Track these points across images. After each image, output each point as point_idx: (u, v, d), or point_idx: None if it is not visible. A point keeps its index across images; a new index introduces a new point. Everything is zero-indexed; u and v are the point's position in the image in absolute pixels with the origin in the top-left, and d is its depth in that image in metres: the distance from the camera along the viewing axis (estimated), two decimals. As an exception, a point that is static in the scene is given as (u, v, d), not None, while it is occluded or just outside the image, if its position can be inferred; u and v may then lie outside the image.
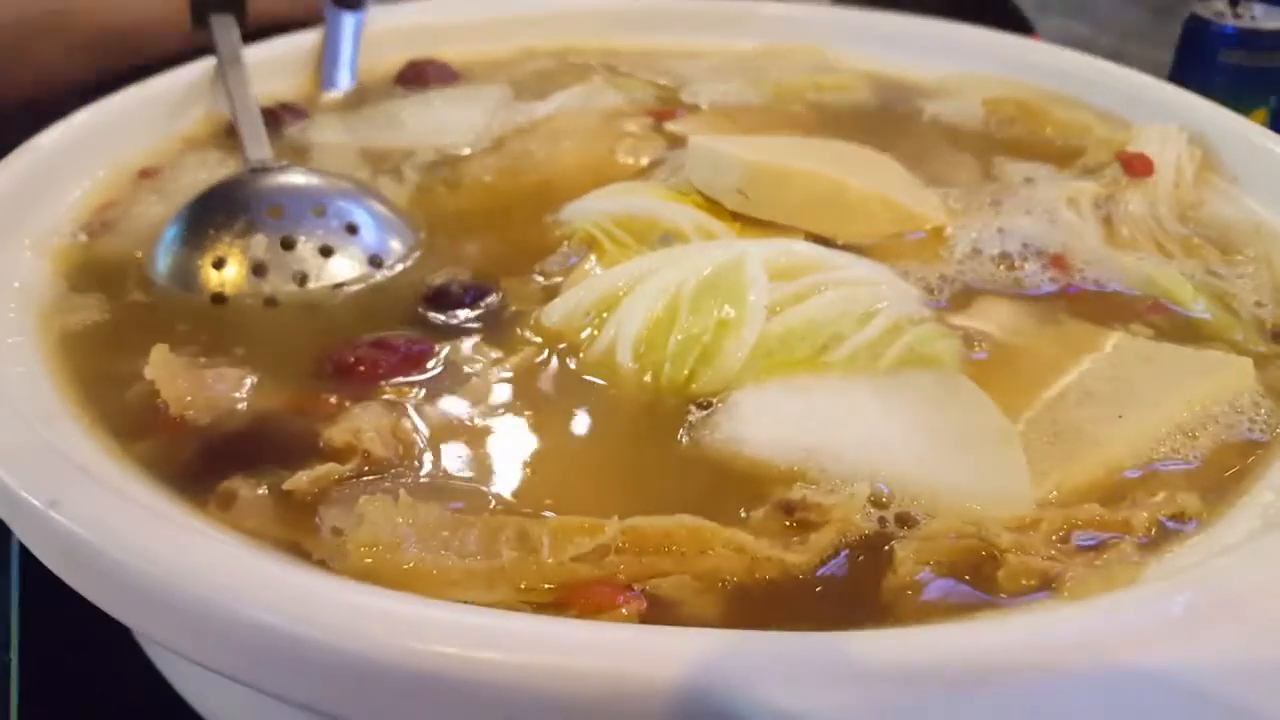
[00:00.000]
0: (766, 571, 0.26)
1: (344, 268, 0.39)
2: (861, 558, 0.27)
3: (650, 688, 0.20)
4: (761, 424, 0.31)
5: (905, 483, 0.29)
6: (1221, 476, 0.30)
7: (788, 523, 0.28)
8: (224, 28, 0.56)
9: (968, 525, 0.27)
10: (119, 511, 0.24)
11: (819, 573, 0.26)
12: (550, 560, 0.25)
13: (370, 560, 0.25)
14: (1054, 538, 0.27)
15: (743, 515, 0.28)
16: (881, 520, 0.28)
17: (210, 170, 0.48)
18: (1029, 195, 0.46)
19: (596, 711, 0.20)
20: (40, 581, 0.45)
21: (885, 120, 0.57)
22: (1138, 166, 0.48)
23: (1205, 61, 1.04)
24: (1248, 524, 0.28)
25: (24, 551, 0.49)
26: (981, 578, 0.26)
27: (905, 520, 0.28)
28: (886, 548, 0.27)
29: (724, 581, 0.26)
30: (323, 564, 0.26)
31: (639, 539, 0.26)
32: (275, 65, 0.57)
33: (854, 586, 0.26)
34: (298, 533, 0.27)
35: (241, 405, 0.32)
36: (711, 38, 0.67)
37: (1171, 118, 0.51)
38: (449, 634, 0.20)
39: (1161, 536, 0.28)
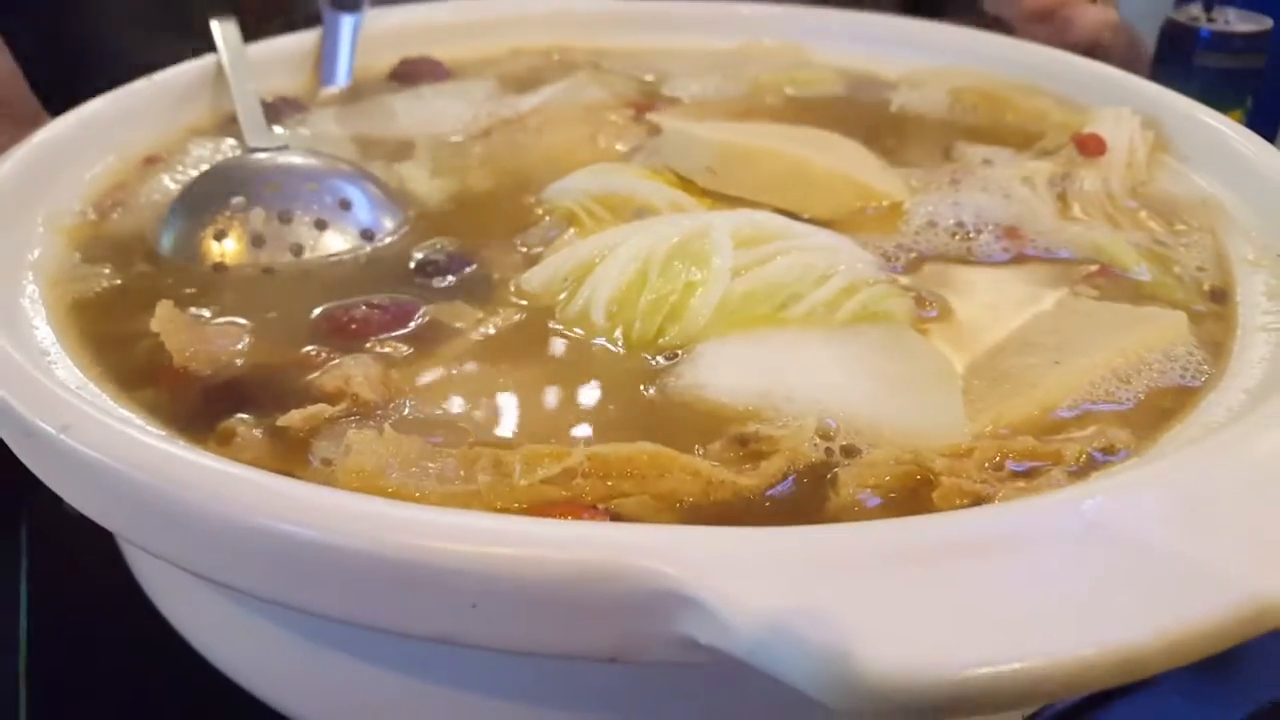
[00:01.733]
0: (720, 493, 0.28)
1: (337, 240, 0.42)
2: (807, 481, 0.29)
3: (602, 571, 0.22)
4: (721, 371, 0.34)
5: (851, 418, 0.31)
6: (1152, 416, 0.33)
7: (741, 454, 0.30)
8: (225, 28, 0.59)
9: (906, 453, 0.29)
10: (126, 435, 0.26)
11: (768, 494, 0.28)
12: (522, 482, 0.28)
13: (357, 486, 0.28)
14: (987, 465, 0.29)
15: (699, 450, 0.30)
16: (828, 451, 0.30)
17: (213, 158, 0.51)
18: (986, 174, 0.49)
19: (559, 596, 0.22)
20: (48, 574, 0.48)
21: (855, 110, 0.59)
22: (1091, 146, 0.50)
23: (1182, 64, 1.07)
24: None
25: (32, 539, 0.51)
26: (918, 499, 0.28)
27: (850, 451, 0.30)
28: (831, 474, 0.29)
29: (680, 502, 0.28)
30: (314, 489, 0.28)
31: (603, 464, 0.28)
32: (276, 63, 0.60)
33: (799, 506, 0.28)
34: (291, 465, 0.29)
35: (240, 359, 0.34)
36: (694, 37, 0.69)
37: (1126, 102, 0.54)
38: (428, 529, 0.23)
39: (1090, 466, 0.30)
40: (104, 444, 0.26)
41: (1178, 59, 1.08)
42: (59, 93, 0.66)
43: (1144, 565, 0.22)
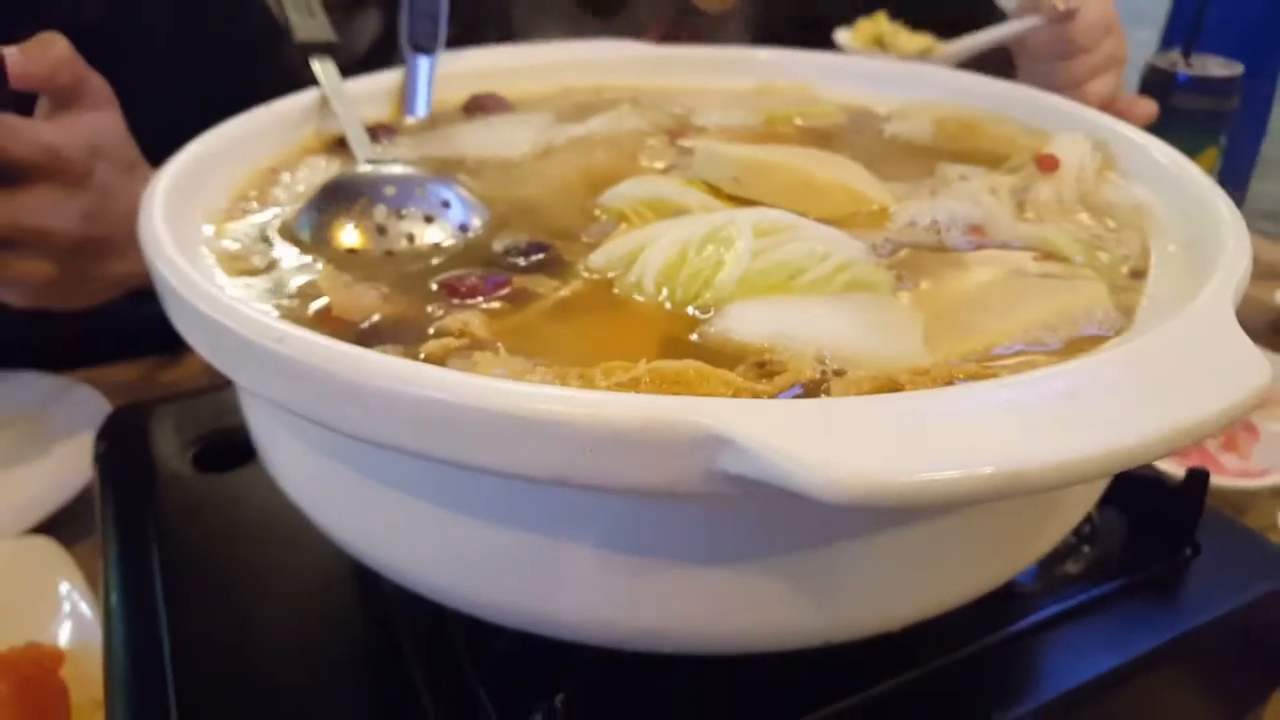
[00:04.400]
0: (743, 396, 0.39)
1: (440, 232, 0.53)
2: (806, 390, 0.40)
3: (666, 423, 0.32)
4: (745, 321, 0.44)
5: (839, 351, 0.42)
6: (1071, 354, 0.43)
7: (759, 373, 0.41)
8: (325, 66, 0.71)
9: (880, 372, 0.40)
10: (326, 343, 0.37)
11: (779, 396, 0.39)
12: (601, 385, 0.38)
13: (482, 389, 0.38)
14: (940, 380, 0.40)
15: (730, 371, 0.41)
16: (823, 372, 0.41)
17: (322, 171, 0.62)
18: (960, 186, 0.60)
19: (636, 441, 0.33)
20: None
21: (854, 137, 0.71)
22: (1047, 163, 0.61)
23: (1163, 105, 1.19)
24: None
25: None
26: (888, 401, 0.39)
27: (839, 372, 0.40)
28: (825, 385, 0.40)
29: (716, 401, 0.39)
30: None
31: (660, 375, 0.39)
32: (367, 96, 0.72)
33: (803, 406, 0.39)
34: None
35: (379, 313, 0.45)
36: (717, 78, 0.82)
37: (1080, 129, 0.65)
38: (551, 396, 0.33)
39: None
40: (312, 350, 0.36)
41: (1159, 100, 1.19)
42: None
43: (1056, 413, 0.32)
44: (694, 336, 0.45)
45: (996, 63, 1.07)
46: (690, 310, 0.46)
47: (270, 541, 0.60)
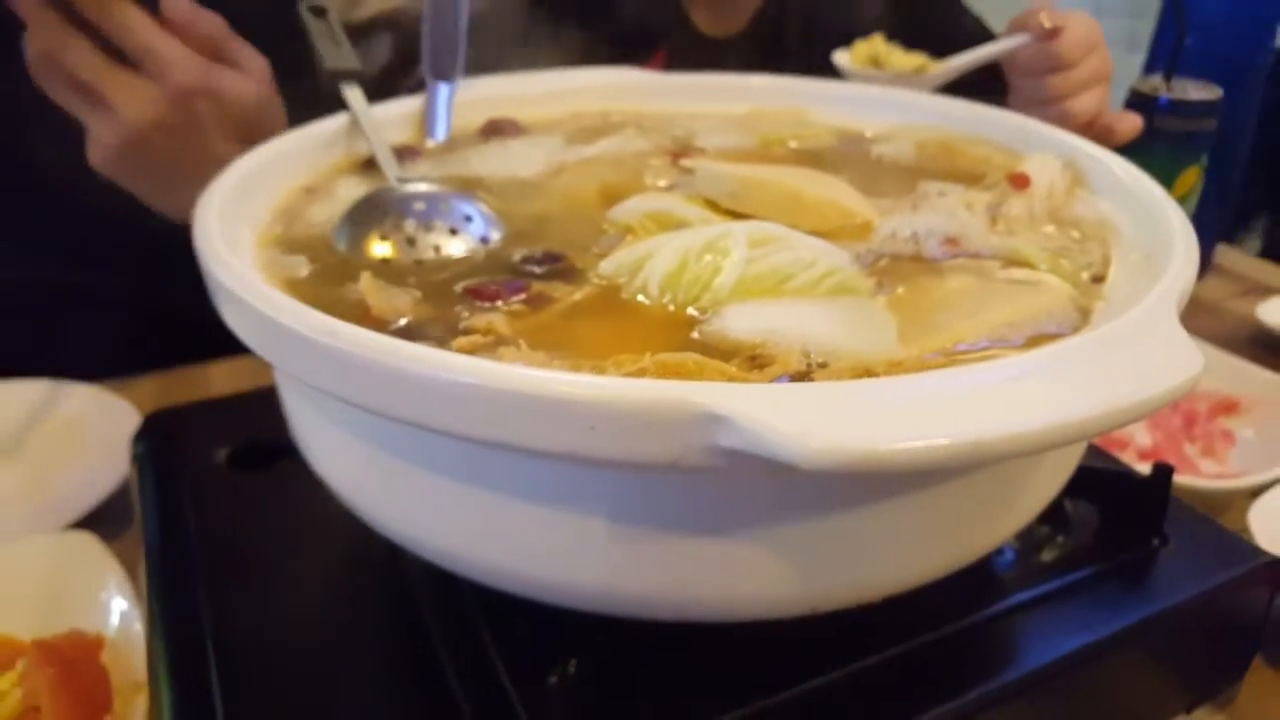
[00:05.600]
0: (738, 382, 0.44)
1: (462, 245, 0.58)
2: (794, 379, 0.45)
3: (669, 402, 0.37)
4: (739, 321, 0.49)
5: (823, 346, 0.46)
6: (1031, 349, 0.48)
7: (752, 364, 0.46)
8: (353, 92, 0.76)
9: (859, 363, 0.45)
10: (373, 336, 0.42)
11: (769, 385, 0.44)
12: (612, 374, 0.43)
13: (506, 379, 0.43)
14: (911, 370, 0.45)
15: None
16: (808, 364, 0.46)
17: (353, 188, 0.67)
18: (939, 202, 0.65)
19: (642, 419, 0.38)
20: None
21: (842, 158, 0.76)
22: (1020, 181, 0.67)
23: (1145, 128, 1.25)
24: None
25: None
26: (866, 390, 0.44)
27: (822, 365, 0.46)
28: (809, 376, 0.45)
29: (713, 390, 0.44)
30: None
31: (663, 366, 0.43)
32: (391, 121, 0.77)
33: (790, 393, 0.44)
34: (460, 370, 0.45)
35: (411, 315, 0.51)
36: (715, 104, 0.87)
37: (1051, 149, 0.70)
38: (563, 380, 0.38)
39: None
40: (361, 342, 0.41)
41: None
42: None
43: (1010, 395, 0.37)
44: (694, 334, 0.50)
45: (990, 79, 1.13)
46: (690, 311, 0.51)
47: (302, 533, 0.65)
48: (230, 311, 0.48)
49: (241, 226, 0.60)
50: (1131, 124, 1.13)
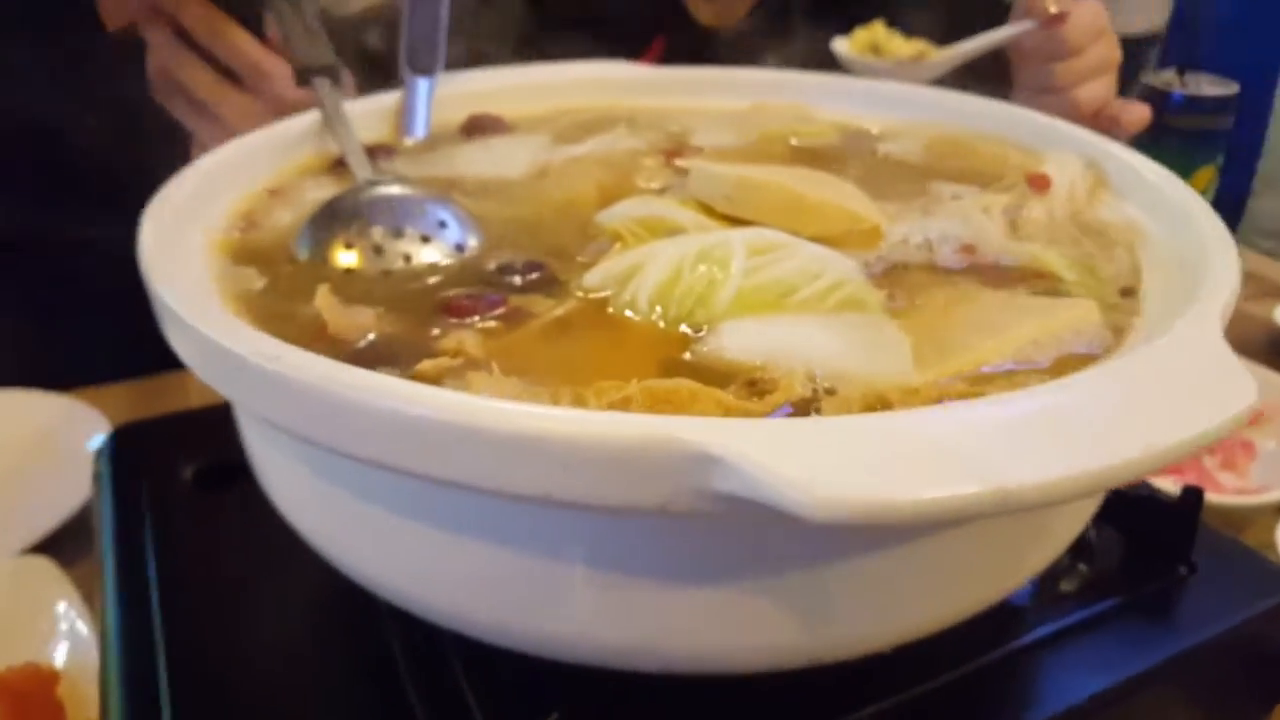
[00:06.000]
0: (736, 414, 0.39)
1: (436, 252, 0.54)
2: (798, 409, 0.40)
3: (656, 441, 0.33)
4: (737, 340, 0.45)
5: (830, 370, 0.42)
6: (1060, 373, 0.44)
7: (751, 391, 0.41)
8: (325, 87, 0.71)
9: (870, 391, 0.40)
10: (323, 362, 0.37)
11: (770, 416, 0.39)
12: (594, 405, 0.39)
13: (475, 409, 0.39)
14: (929, 399, 0.40)
15: (722, 390, 0.41)
16: (814, 390, 0.41)
17: (322, 191, 0.63)
18: (953, 205, 0.60)
19: (625, 459, 0.33)
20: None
21: (847, 156, 0.71)
22: (1039, 183, 0.62)
23: (1157, 125, 1.20)
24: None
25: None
26: (878, 420, 0.39)
27: (830, 391, 0.41)
28: (816, 405, 0.40)
29: (707, 420, 0.39)
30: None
31: (652, 393, 0.39)
32: (365, 118, 0.72)
33: (793, 424, 0.39)
34: (424, 397, 0.40)
35: (375, 332, 0.46)
36: (712, 99, 0.82)
37: (1072, 148, 0.66)
38: (537, 415, 0.34)
39: (1005, 402, 0.41)
40: (308, 368, 0.37)
41: (1154, 119, 1.20)
42: None
43: (1042, 432, 0.33)
44: (687, 355, 0.45)
45: (994, 67, 1.09)
46: (683, 328, 0.47)
47: (268, 561, 0.61)
48: (168, 329, 0.43)
49: (195, 232, 0.55)
50: (1139, 115, 1.08)
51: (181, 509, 0.66)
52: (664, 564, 0.38)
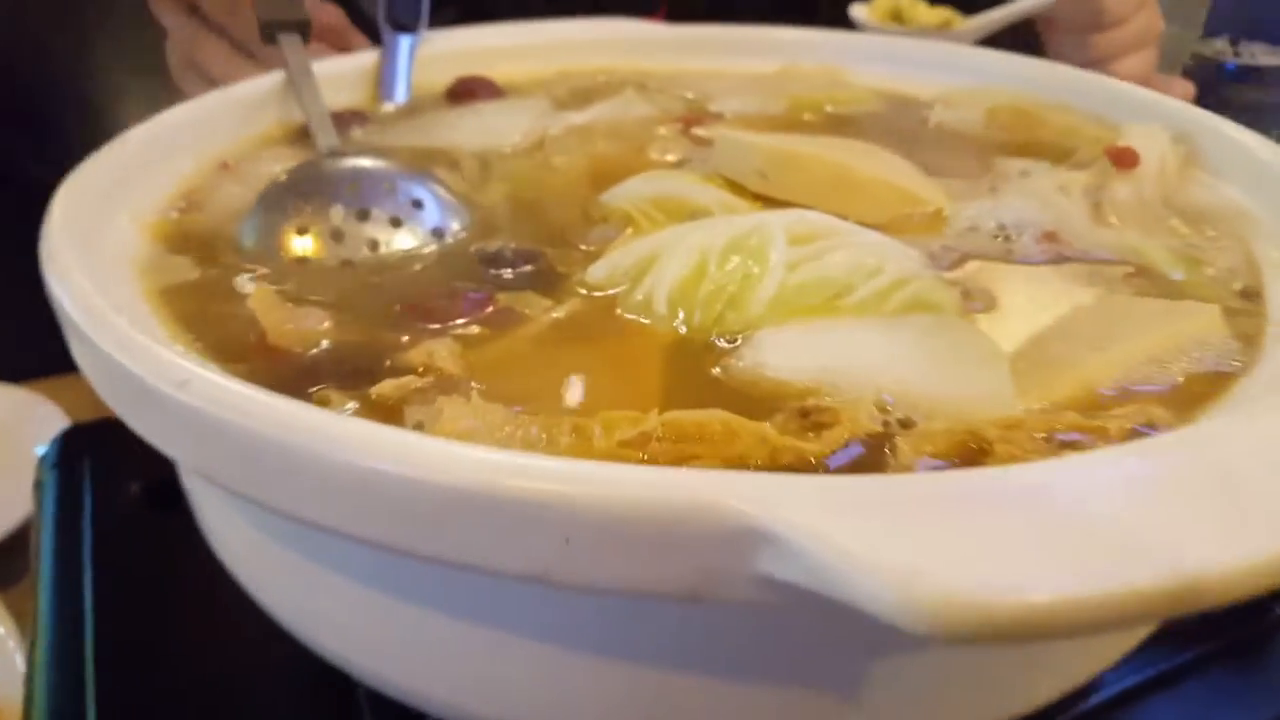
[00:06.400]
0: (785, 458, 0.30)
1: (410, 238, 0.44)
2: (867, 449, 0.31)
3: (685, 508, 0.24)
4: (781, 353, 0.36)
5: (905, 394, 0.33)
6: (1189, 398, 0.34)
7: (804, 424, 0.32)
8: (292, 45, 0.62)
9: (960, 424, 0.31)
10: (242, 391, 0.28)
11: (830, 459, 0.30)
12: (601, 444, 0.30)
13: (447, 446, 0.30)
14: (1036, 436, 0.31)
15: (766, 423, 0.32)
16: (885, 423, 0.32)
17: (283, 165, 0.54)
18: (1024, 184, 0.51)
19: (644, 531, 0.24)
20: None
21: (893, 126, 0.62)
22: (1125, 159, 0.52)
23: (1209, 97, 1.10)
24: (1210, 432, 0.32)
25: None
26: (973, 466, 0.30)
27: (906, 423, 0.32)
28: (889, 442, 0.31)
29: (749, 465, 0.30)
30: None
31: (677, 428, 0.30)
32: (338, 80, 0.63)
33: (861, 469, 0.30)
34: (384, 429, 0.31)
35: (327, 339, 0.37)
36: (734, 60, 0.72)
37: (1156, 119, 0.56)
38: (525, 469, 0.25)
39: (1134, 439, 0.32)
40: (222, 398, 0.28)
41: (1204, 92, 1.10)
42: None
43: (1218, 495, 0.24)
44: (716, 371, 0.36)
45: (1022, 40, 0.99)
46: (712, 338, 0.37)
47: (217, 592, 0.52)
48: (68, 337, 0.34)
49: (122, 213, 0.46)
50: (1183, 92, 0.99)
51: (126, 530, 0.58)
52: (684, 655, 0.29)
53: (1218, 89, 1.21)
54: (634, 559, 0.25)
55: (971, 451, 0.31)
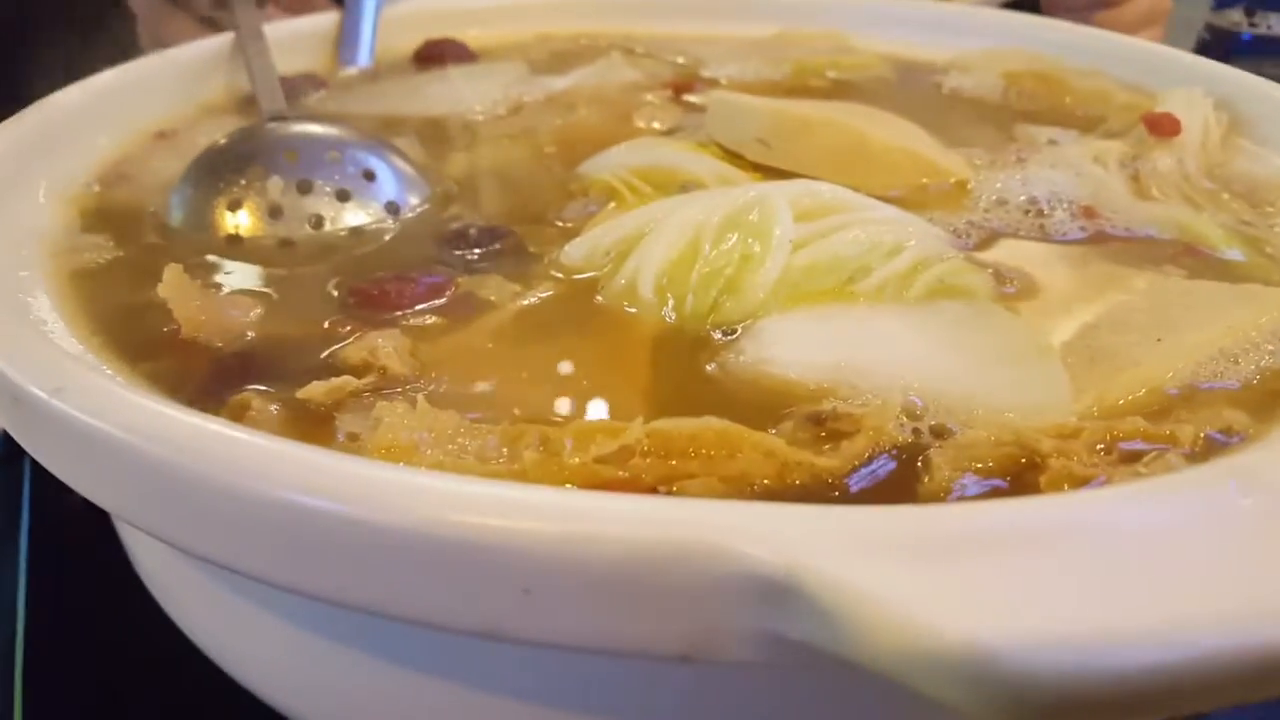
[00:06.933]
0: (797, 476, 0.25)
1: (360, 213, 0.39)
2: (896, 464, 0.26)
3: (672, 550, 0.19)
4: (787, 346, 0.30)
5: (939, 396, 0.28)
6: (1267, 398, 0.29)
7: (818, 434, 0.27)
8: (245, 5, 0.56)
9: (1007, 433, 0.26)
10: (127, 399, 0.23)
11: (851, 477, 0.25)
12: (574, 461, 0.24)
13: (387, 462, 0.24)
14: (1097, 447, 0.26)
15: (771, 431, 0.27)
16: (915, 431, 0.27)
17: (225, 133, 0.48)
18: (1054, 153, 0.46)
19: (621, 579, 0.19)
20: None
21: (904, 92, 0.56)
22: (1165, 126, 0.47)
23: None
24: (1295, 439, 0.27)
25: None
26: (1023, 484, 0.25)
27: (940, 432, 0.27)
28: (922, 456, 0.26)
29: (753, 485, 0.25)
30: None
31: (664, 441, 0.25)
32: (296, 43, 0.58)
33: (889, 491, 0.25)
34: (312, 441, 0.26)
35: (255, 331, 0.31)
36: (728, 24, 0.67)
37: (1195, 83, 0.51)
38: (473, 502, 0.19)
39: (1209, 449, 0.27)
40: (102, 408, 0.22)
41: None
42: None
43: None
44: (712, 368, 0.31)
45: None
46: (707, 329, 0.32)
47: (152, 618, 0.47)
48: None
49: (38, 184, 0.40)
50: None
51: (66, 536, 0.52)
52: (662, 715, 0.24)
53: (1233, 61, 1.15)
54: (609, 614, 0.19)
55: (1020, 467, 0.25)
